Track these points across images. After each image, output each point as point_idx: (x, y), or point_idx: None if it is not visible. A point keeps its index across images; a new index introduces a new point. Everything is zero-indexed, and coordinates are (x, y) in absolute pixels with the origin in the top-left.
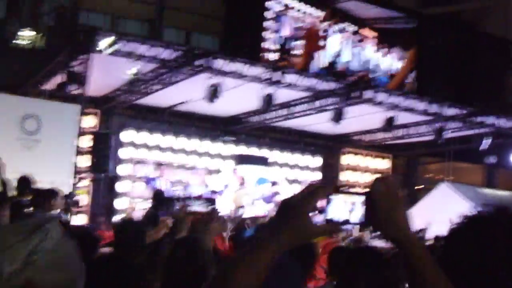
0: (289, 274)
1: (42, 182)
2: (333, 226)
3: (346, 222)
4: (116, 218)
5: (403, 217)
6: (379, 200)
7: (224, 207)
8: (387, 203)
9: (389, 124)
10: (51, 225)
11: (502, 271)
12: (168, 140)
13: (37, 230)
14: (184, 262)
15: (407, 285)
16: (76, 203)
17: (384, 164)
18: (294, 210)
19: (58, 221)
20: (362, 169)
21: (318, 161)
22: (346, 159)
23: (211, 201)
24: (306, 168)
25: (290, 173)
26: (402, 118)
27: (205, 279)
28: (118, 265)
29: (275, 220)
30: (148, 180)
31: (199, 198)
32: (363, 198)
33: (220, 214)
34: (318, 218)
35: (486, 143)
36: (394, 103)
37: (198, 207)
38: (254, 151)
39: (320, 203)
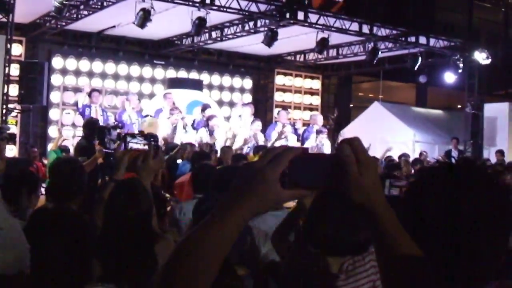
0: None
1: None
2: (301, 191)
3: (312, 185)
4: (49, 148)
5: (374, 181)
6: (348, 164)
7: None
8: (355, 167)
9: (322, 45)
10: None
11: (460, 225)
12: (97, 66)
13: None
14: (125, 205)
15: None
16: (9, 138)
17: (315, 84)
18: (260, 175)
19: (1, 200)
20: (294, 89)
21: (249, 83)
22: (278, 80)
23: (152, 137)
24: (237, 90)
25: (221, 95)
26: (335, 38)
27: (147, 223)
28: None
29: (238, 186)
30: (80, 108)
31: (138, 134)
32: (328, 161)
33: (158, 151)
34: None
35: (417, 62)
36: (327, 24)
37: (136, 144)
38: (183, 74)
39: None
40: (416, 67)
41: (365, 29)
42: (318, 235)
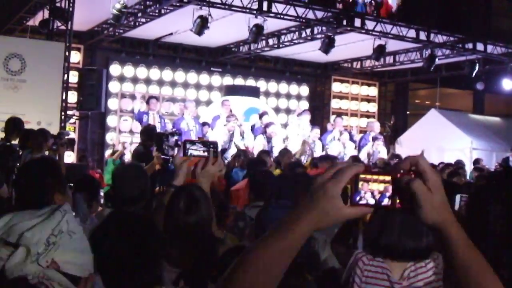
0: None
1: (30, 122)
2: (363, 209)
3: (375, 204)
4: (107, 154)
5: (443, 199)
6: (416, 184)
7: (215, 139)
8: (424, 186)
9: (380, 52)
10: (67, 207)
11: None
12: (155, 73)
13: (56, 212)
14: (185, 212)
15: None
16: (68, 143)
17: (372, 91)
18: (321, 190)
19: (70, 206)
20: (350, 96)
21: (305, 90)
22: (334, 87)
23: (211, 144)
24: (294, 97)
25: (277, 102)
26: (392, 45)
27: (207, 228)
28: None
29: (302, 201)
30: (137, 115)
31: (197, 141)
32: (389, 178)
33: (218, 157)
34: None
35: (475, 69)
36: (384, 31)
37: (195, 151)
38: (240, 81)
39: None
40: (474, 74)
41: (422, 35)
42: (380, 242)
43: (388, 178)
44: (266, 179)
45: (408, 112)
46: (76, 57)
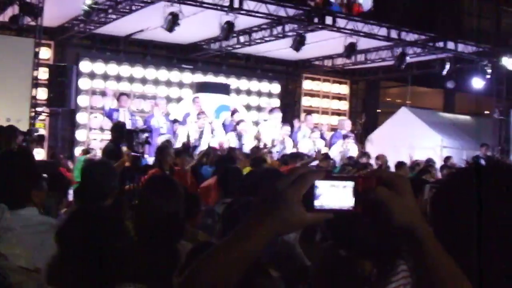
0: None
1: None
2: (323, 215)
3: (336, 209)
4: (77, 152)
5: (412, 202)
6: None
7: (185, 137)
8: (390, 192)
9: (351, 50)
10: (2, 206)
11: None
12: (125, 70)
13: None
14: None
15: None
16: (38, 140)
17: (343, 89)
18: (282, 196)
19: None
20: (321, 94)
21: (276, 87)
22: (305, 84)
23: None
24: (265, 95)
25: (248, 100)
26: (363, 43)
27: (179, 222)
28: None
29: (260, 207)
30: (108, 112)
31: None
32: (353, 183)
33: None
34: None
35: (445, 68)
36: (355, 29)
37: None
38: (211, 78)
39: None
40: (444, 73)
41: (394, 34)
42: (349, 239)
43: (350, 183)
44: (234, 176)
45: (379, 110)
46: (46, 53)
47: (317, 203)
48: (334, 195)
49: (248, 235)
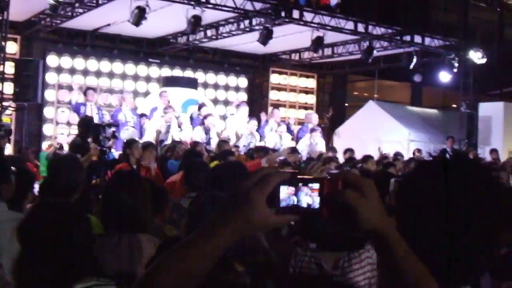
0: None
1: None
2: (289, 216)
3: (301, 211)
4: (44, 146)
5: (378, 203)
6: (346, 194)
7: (152, 131)
8: (355, 194)
9: (318, 44)
10: None
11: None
12: (92, 64)
13: None
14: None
15: None
16: (5, 135)
17: (310, 83)
18: (245, 197)
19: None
20: (289, 88)
21: (244, 81)
22: (273, 78)
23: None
24: (232, 89)
25: (216, 94)
26: (330, 37)
27: (144, 215)
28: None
29: (224, 207)
30: (75, 106)
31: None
32: (318, 185)
33: None
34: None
35: (412, 61)
36: (322, 23)
37: None
38: (178, 73)
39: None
40: (411, 66)
41: (360, 28)
42: (314, 231)
43: (316, 185)
44: (200, 170)
45: (346, 104)
46: (12, 47)
47: (282, 204)
48: (299, 196)
49: (212, 234)
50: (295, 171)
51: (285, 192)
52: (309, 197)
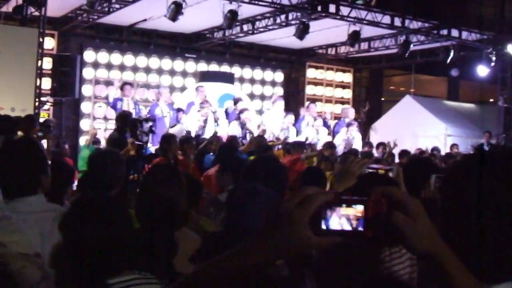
0: (266, 201)
1: (4, 109)
2: (333, 239)
3: (345, 233)
4: (81, 141)
5: (428, 225)
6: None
7: (190, 126)
8: (403, 216)
9: (354, 38)
10: None
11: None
12: (129, 59)
13: None
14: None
15: None
16: (49, 130)
17: (346, 77)
18: (289, 217)
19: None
20: (325, 83)
21: (280, 76)
22: (309, 73)
23: None
24: (268, 84)
25: (252, 89)
26: (367, 31)
27: (180, 209)
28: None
29: (264, 227)
30: (111, 102)
31: None
32: (362, 206)
33: None
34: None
35: (449, 56)
36: (358, 17)
37: None
38: (214, 67)
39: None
40: (448, 61)
41: (397, 22)
42: None
43: (360, 206)
44: (235, 164)
45: (382, 99)
46: (50, 43)
47: (324, 225)
48: (342, 218)
49: (249, 253)
50: (338, 191)
51: (329, 213)
52: (353, 218)
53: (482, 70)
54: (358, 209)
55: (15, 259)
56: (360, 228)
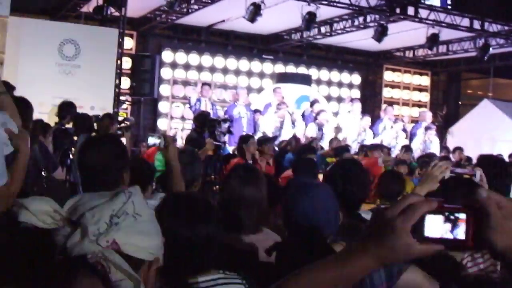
0: (318, 194)
1: (83, 107)
2: (435, 246)
3: (447, 241)
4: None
5: None
6: (490, 207)
7: (266, 127)
8: (498, 212)
9: (433, 41)
10: (134, 189)
11: None
12: (207, 60)
13: (120, 193)
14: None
15: None
16: (128, 127)
17: (424, 80)
18: (391, 226)
19: (139, 189)
20: (402, 86)
21: (357, 78)
22: (386, 76)
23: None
24: (345, 86)
25: (329, 91)
26: (445, 34)
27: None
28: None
29: (367, 234)
30: (193, 106)
31: None
32: (465, 215)
33: None
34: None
35: None
36: (437, 20)
37: None
38: (291, 69)
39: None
40: None
41: (476, 25)
42: None
43: (462, 215)
44: (308, 165)
45: (460, 102)
46: (129, 43)
47: (426, 234)
48: (445, 226)
49: (350, 260)
50: (441, 199)
51: (431, 222)
52: (456, 227)
53: None
54: (460, 218)
55: (118, 267)
56: (462, 237)
